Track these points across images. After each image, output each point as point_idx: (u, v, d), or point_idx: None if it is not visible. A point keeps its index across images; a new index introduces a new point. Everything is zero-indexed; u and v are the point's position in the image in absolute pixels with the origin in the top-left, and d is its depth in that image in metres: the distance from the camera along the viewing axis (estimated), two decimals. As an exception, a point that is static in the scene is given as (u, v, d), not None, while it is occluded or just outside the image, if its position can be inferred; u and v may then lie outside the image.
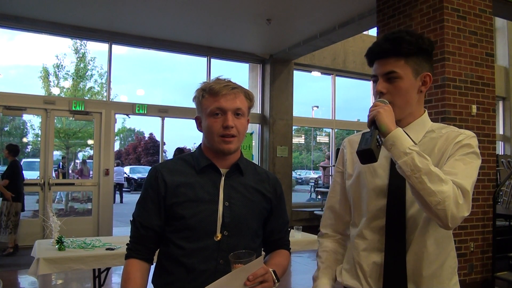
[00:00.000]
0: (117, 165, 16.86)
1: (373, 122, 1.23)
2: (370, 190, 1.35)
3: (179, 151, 7.09)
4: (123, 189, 16.92)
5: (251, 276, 1.24)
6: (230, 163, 1.46)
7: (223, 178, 1.44)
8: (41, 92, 11.95)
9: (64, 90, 13.35)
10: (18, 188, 6.29)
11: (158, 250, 1.48)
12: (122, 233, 7.62)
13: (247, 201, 1.45)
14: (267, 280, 1.29)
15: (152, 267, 1.49)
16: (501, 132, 10.81)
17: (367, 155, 1.18)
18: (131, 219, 1.48)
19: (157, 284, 1.45)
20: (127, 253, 1.44)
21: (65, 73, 12.95)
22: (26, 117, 11.99)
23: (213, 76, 7.35)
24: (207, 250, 1.37)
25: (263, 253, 1.53)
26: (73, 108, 7.30)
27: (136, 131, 32.93)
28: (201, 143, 1.52)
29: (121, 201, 15.77)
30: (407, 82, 1.31)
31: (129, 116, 8.40)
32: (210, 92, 1.41)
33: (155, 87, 30.42)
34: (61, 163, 11.05)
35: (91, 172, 9.69)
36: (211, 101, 1.40)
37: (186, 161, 1.48)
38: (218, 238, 1.38)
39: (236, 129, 1.40)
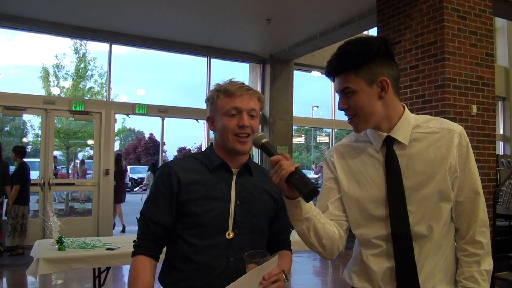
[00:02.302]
0: (123, 165, 16.92)
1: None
2: (370, 200, 1.34)
3: (118, 155, 7.43)
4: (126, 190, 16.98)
5: (266, 275, 1.27)
6: (241, 163, 1.49)
7: (234, 177, 1.47)
8: (41, 92, 11.97)
9: (64, 90, 13.36)
10: (26, 191, 6.29)
11: (166, 248, 1.48)
12: (122, 233, 7.64)
13: (257, 200, 1.48)
14: (280, 279, 1.32)
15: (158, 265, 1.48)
16: (501, 132, 10.81)
17: (314, 193, 1.21)
18: (138, 216, 1.48)
19: (165, 281, 1.45)
20: (134, 250, 1.43)
21: (65, 73, 12.98)
22: (26, 117, 12.02)
23: (213, 75, 7.28)
24: (218, 248, 1.39)
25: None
26: (73, 108, 7.30)
27: (136, 131, 32.96)
28: (212, 143, 1.55)
29: (124, 201, 15.83)
30: (362, 94, 1.29)
31: (129, 116, 8.40)
32: (225, 93, 1.44)
33: (155, 87, 30.50)
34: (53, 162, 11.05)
35: (89, 172, 9.69)
36: (227, 101, 1.43)
37: (198, 160, 1.50)
38: (230, 236, 1.40)
39: (250, 129, 1.43)
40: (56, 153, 11.33)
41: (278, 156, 1.24)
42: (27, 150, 6.67)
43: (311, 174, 21.72)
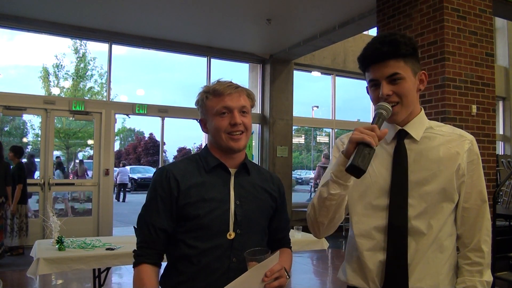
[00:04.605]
0: (123, 166, 17.08)
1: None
2: (374, 189, 1.35)
3: (30, 156, 7.29)
4: (126, 189, 17.15)
5: (268, 272, 1.27)
6: (238, 163, 1.49)
7: (232, 177, 1.46)
8: (41, 92, 11.98)
9: (64, 90, 13.37)
10: (25, 191, 6.30)
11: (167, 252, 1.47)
12: (122, 233, 7.64)
13: (256, 199, 1.47)
14: (282, 276, 1.32)
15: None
16: (501, 132, 10.81)
17: (358, 173, 1.17)
18: (135, 225, 1.46)
19: (167, 284, 1.44)
20: (136, 259, 1.40)
21: (65, 73, 12.98)
22: (26, 117, 11.99)
23: (213, 75, 7.27)
24: (220, 249, 1.38)
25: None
26: (73, 108, 7.30)
27: (136, 131, 32.98)
28: (206, 144, 1.54)
29: (124, 200, 16.04)
30: (410, 82, 1.32)
31: (129, 116, 8.40)
32: (214, 93, 1.44)
33: (155, 87, 30.51)
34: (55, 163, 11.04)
35: (89, 173, 9.68)
36: (216, 101, 1.43)
37: (194, 162, 1.49)
38: (232, 237, 1.39)
39: (243, 126, 1.43)
40: (56, 153, 11.31)
41: (375, 127, 1.20)
42: (27, 150, 6.65)
43: (311, 174, 21.74)
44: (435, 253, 1.30)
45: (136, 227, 1.46)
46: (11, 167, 6.35)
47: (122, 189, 16.23)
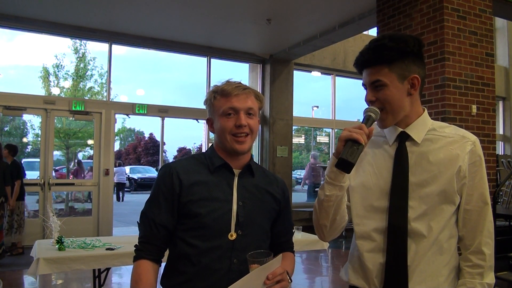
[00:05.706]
0: (119, 165, 17.09)
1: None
2: (375, 191, 1.35)
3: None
4: (124, 189, 17.14)
5: (270, 275, 1.27)
6: (242, 164, 1.48)
7: (236, 178, 1.46)
8: (41, 92, 11.94)
9: (64, 90, 13.35)
10: (21, 187, 6.32)
11: (168, 250, 1.47)
12: (122, 233, 7.65)
13: (259, 201, 1.47)
14: (284, 280, 1.32)
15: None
16: (501, 132, 10.81)
17: (347, 167, 1.21)
18: (138, 220, 1.47)
19: (167, 284, 1.44)
20: (136, 254, 1.41)
21: (65, 73, 12.95)
22: (26, 117, 11.96)
23: (213, 75, 7.26)
24: (220, 249, 1.38)
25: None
26: (73, 108, 7.30)
27: (136, 131, 32.98)
28: (212, 144, 1.54)
29: (123, 200, 16.05)
30: (393, 88, 1.31)
31: (129, 116, 8.40)
32: (222, 93, 1.44)
33: (155, 87, 30.53)
34: None
35: (88, 173, 9.68)
36: (223, 101, 1.43)
37: (199, 160, 1.49)
38: (233, 237, 1.39)
39: (248, 128, 1.42)
40: (56, 153, 11.30)
41: (363, 125, 1.26)
42: (26, 149, 6.65)
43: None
44: (435, 255, 1.30)
45: (139, 222, 1.47)
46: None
47: (120, 189, 16.24)
